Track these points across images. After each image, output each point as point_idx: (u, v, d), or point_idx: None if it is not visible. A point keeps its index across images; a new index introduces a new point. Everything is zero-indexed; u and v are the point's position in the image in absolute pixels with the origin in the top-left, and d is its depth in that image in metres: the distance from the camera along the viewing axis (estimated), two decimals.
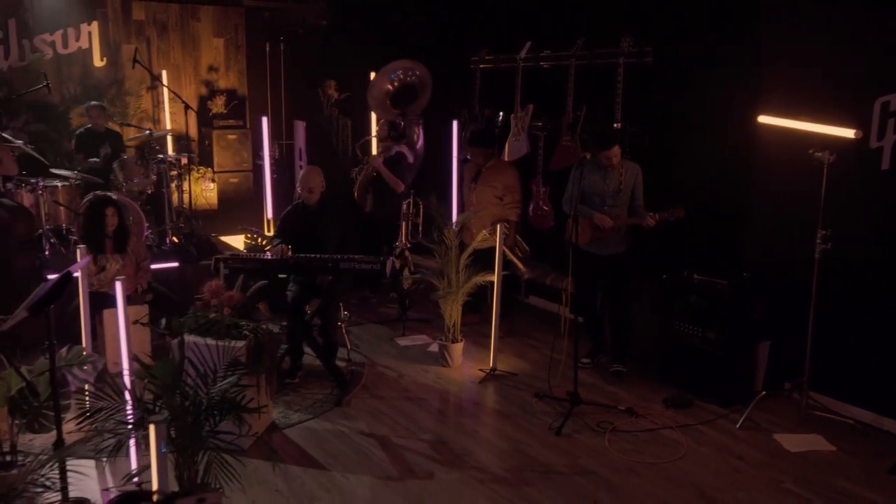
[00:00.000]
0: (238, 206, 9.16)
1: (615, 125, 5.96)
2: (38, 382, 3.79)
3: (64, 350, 4.07)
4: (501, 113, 7.22)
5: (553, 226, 6.60)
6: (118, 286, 3.95)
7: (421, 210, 6.68)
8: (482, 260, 5.82)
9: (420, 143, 7.38)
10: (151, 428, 2.37)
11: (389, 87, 7.21)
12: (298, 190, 5.66)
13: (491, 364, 5.70)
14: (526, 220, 6.74)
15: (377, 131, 7.40)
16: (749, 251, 5.46)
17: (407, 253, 6.46)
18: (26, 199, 6.67)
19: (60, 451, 3.01)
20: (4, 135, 6.51)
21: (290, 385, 5.37)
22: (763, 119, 4.94)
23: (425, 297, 6.82)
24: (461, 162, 7.17)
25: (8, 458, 3.86)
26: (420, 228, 6.66)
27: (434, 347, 6.13)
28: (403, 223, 6.54)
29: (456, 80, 7.60)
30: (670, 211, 5.19)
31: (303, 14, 9.60)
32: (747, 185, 5.49)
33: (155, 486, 2.42)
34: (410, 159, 7.07)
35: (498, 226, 5.66)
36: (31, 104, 8.33)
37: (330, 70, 8.75)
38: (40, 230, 6.64)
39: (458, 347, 5.86)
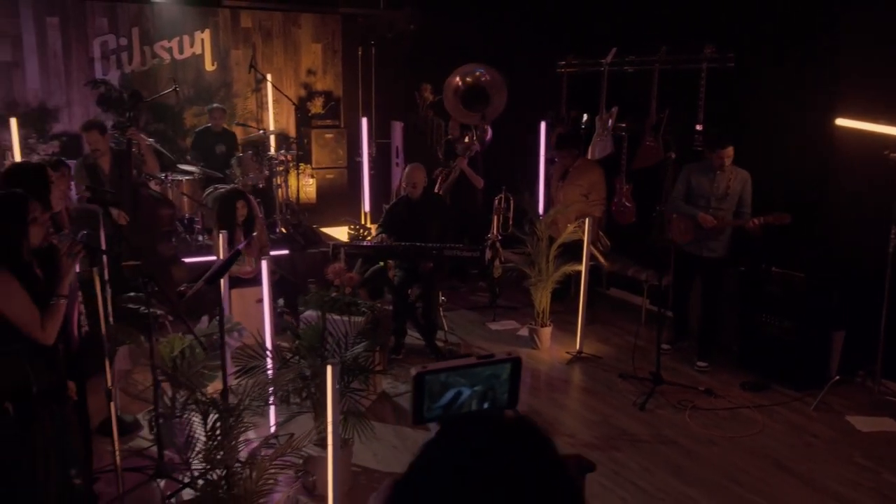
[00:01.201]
0: (334, 201, 9.82)
1: (697, 127, 6.36)
2: (195, 345, 4.44)
3: (205, 319, 4.71)
4: (586, 114, 7.67)
5: (634, 221, 7.03)
6: (264, 265, 4.56)
7: (512, 205, 7.19)
8: (568, 253, 6.30)
9: (489, 137, 7.84)
10: (329, 368, 2.92)
11: (459, 82, 7.63)
12: (403, 185, 6.23)
13: (577, 347, 6.17)
14: (609, 215, 7.18)
15: (451, 132, 7.92)
16: (825, 246, 5.78)
17: (498, 244, 6.98)
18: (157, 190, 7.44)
19: (282, 372, 3.48)
20: (141, 134, 7.26)
21: (395, 360, 5.95)
22: (841, 122, 5.28)
23: (513, 287, 7.31)
24: (548, 161, 7.64)
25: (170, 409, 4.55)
26: (510, 222, 7.16)
27: (523, 331, 6.64)
28: (495, 216, 7.06)
29: (543, 83, 8.08)
30: (775, 216, 5.41)
31: (392, 19, 10.20)
32: (824, 183, 5.82)
33: (329, 422, 2.97)
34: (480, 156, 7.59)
35: (586, 220, 6.12)
36: (151, 105, 9.13)
37: (422, 73, 9.32)
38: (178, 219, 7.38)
39: (547, 331, 6.35)
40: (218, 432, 2.50)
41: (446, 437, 1.20)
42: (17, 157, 7.10)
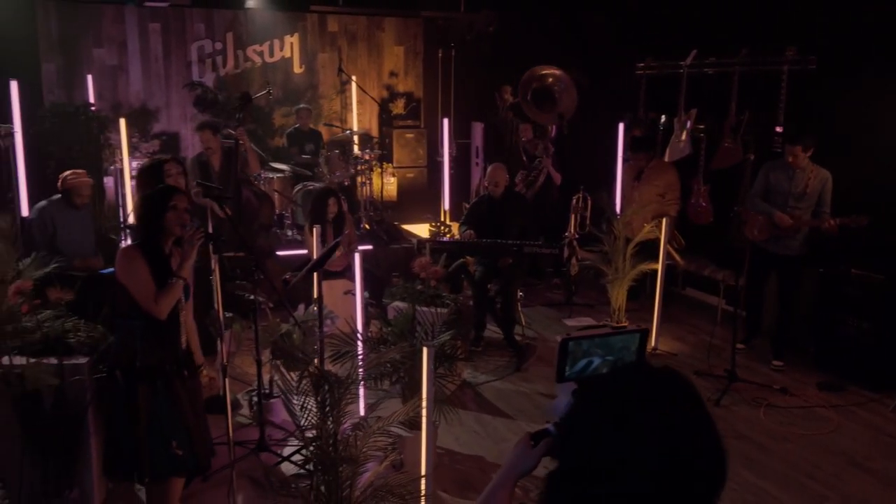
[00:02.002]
0: (414, 199, 10.15)
1: (777, 129, 6.40)
2: (294, 330, 4.80)
3: (310, 308, 5.05)
4: (664, 116, 7.76)
5: (711, 222, 7.10)
6: (357, 259, 4.87)
7: (589, 204, 7.36)
8: (643, 252, 6.44)
9: (553, 134, 7.99)
10: (424, 351, 3.19)
11: (529, 85, 7.81)
12: (485, 183, 6.48)
13: (653, 344, 6.31)
14: (684, 215, 7.26)
15: (523, 134, 8.12)
16: None
17: (575, 243, 7.16)
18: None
19: (380, 353, 3.77)
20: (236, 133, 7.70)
21: (474, 352, 6.20)
22: None
23: (588, 284, 7.48)
24: (625, 162, 7.77)
25: (266, 391, 4.92)
26: (588, 221, 7.33)
27: None
28: (573, 215, 7.25)
29: (622, 84, 8.21)
30: (853, 218, 5.43)
31: (471, 22, 10.46)
32: None
33: (424, 404, 3.23)
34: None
35: (664, 219, 6.25)
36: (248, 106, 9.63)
37: (501, 74, 9.55)
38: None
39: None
40: (327, 402, 2.79)
41: (604, 383, 1.31)
42: (125, 155, 7.64)
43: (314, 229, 5.63)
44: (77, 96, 8.85)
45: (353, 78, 10.00)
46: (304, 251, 6.80)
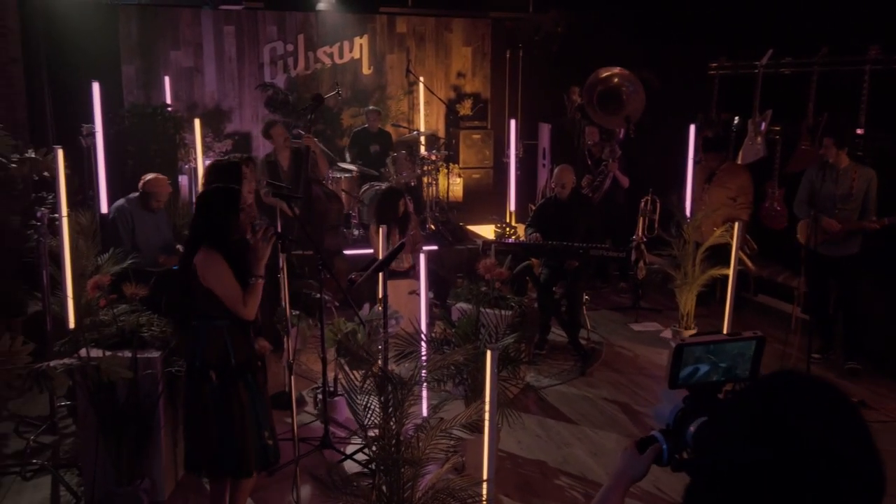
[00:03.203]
0: (479, 200, 10.13)
1: (857, 130, 6.16)
2: (359, 330, 4.83)
3: (375, 307, 5.09)
4: (737, 117, 7.56)
5: (786, 226, 6.88)
6: (421, 260, 4.89)
7: (658, 207, 7.22)
8: (713, 256, 6.28)
9: (622, 135, 7.85)
10: (488, 354, 3.17)
11: (594, 88, 7.69)
12: (551, 185, 6.42)
13: None
14: (757, 219, 7.06)
15: (589, 137, 8.00)
16: None
17: (643, 246, 7.03)
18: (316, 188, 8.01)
19: (447, 354, 3.82)
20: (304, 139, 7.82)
21: (538, 355, 6.15)
22: None
23: (656, 289, 7.33)
24: (696, 164, 7.59)
25: (331, 388, 4.97)
26: (656, 224, 7.19)
27: (666, 333, 6.66)
28: (641, 218, 7.12)
29: (693, 85, 8.03)
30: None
31: (539, 22, 10.38)
32: None
33: (487, 406, 3.22)
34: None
35: (736, 224, 6.08)
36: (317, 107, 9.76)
37: (570, 75, 9.45)
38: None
39: (692, 334, 6.35)
40: (390, 402, 2.80)
41: (754, 391, 1.24)
42: (199, 155, 7.84)
43: (380, 229, 5.68)
44: (155, 97, 9.13)
45: (421, 79, 10.04)
46: (370, 250, 6.86)
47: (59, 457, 4.36)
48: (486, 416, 3.14)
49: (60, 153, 4.37)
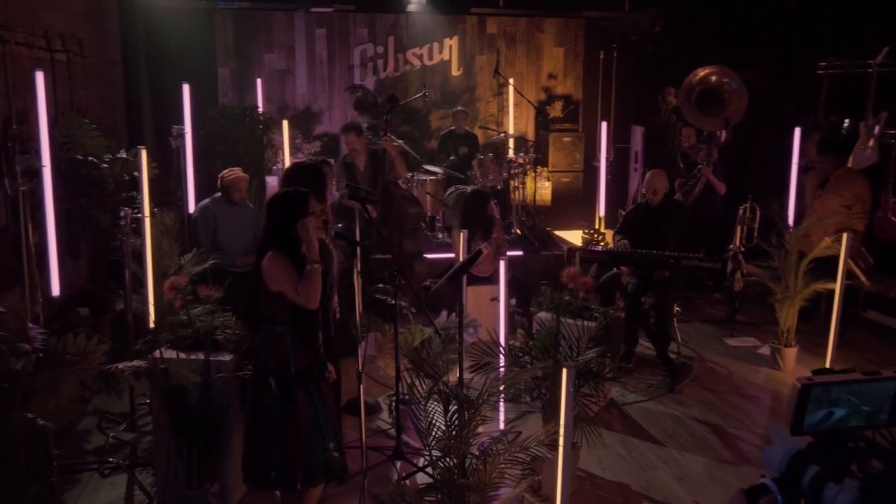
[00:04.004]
0: (568, 204, 9.86)
1: None
2: (434, 337, 4.69)
3: (452, 315, 4.94)
4: (848, 120, 7.05)
5: None
6: (502, 266, 4.71)
7: (758, 215, 6.80)
8: (820, 268, 5.83)
9: (724, 139, 7.41)
10: (564, 372, 2.98)
11: (692, 86, 7.30)
12: (643, 191, 6.12)
13: None
14: (871, 230, 6.55)
15: (685, 139, 7.60)
16: None
17: (740, 256, 6.63)
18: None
19: (516, 372, 3.65)
20: (391, 135, 7.76)
21: (624, 368, 5.86)
22: None
23: (754, 302, 6.91)
24: (801, 170, 7.12)
25: (405, 396, 4.84)
26: (756, 233, 6.77)
27: (764, 350, 6.25)
28: (739, 227, 6.71)
29: (798, 86, 7.54)
30: None
31: (636, 22, 10.01)
32: None
33: (562, 428, 3.02)
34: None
35: (844, 235, 5.64)
36: (402, 109, 9.70)
37: (665, 76, 9.08)
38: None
39: (792, 352, 5.94)
40: (455, 422, 2.64)
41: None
42: (287, 156, 7.90)
43: (461, 233, 5.53)
44: (248, 99, 9.27)
45: (511, 81, 9.85)
46: (452, 255, 6.73)
47: (137, 455, 4.40)
48: (561, 439, 2.93)
49: (144, 153, 4.42)
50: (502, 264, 4.71)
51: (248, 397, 3.43)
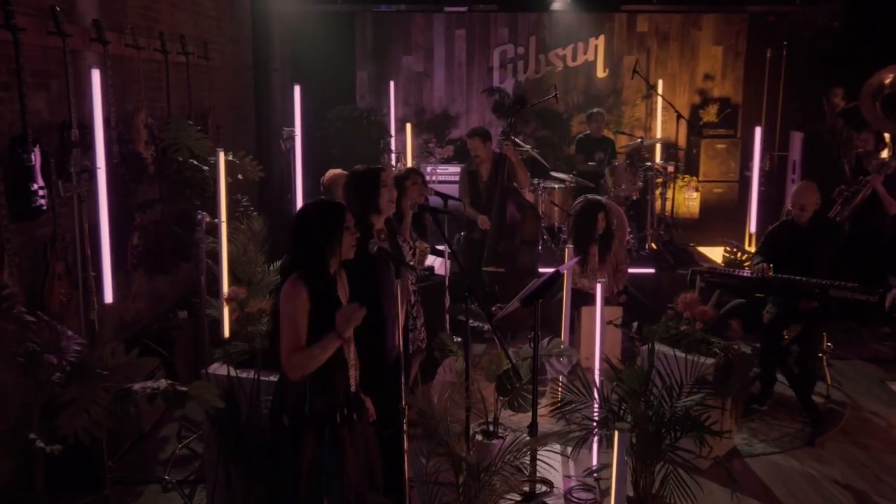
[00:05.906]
0: (719, 218, 8.93)
1: None
2: (521, 366, 4.21)
3: (545, 340, 4.43)
4: None
5: None
6: (598, 287, 4.16)
7: None
8: None
9: None
10: (616, 434, 2.45)
11: (883, 83, 6.27)
12: (789, 206, 5.29)
13: None
14: None
15: (862, 145, 6.55)
16: None
17: None
18: (528, 198, 7.45)
19: (534, 439, 3.27)
20: (516, 140, 7.31)
21: (757, 412, 5.07)
22: None
23: None
24: None
25: (491, 428, 4.39)
26: None
27: None
28: None
29: None
30: None
31: (812, 16, 8.92)
32: None
33: (613, 490, 2.49)
34: None
35: None
36: (539, 112, 9.24)
37: (836, 76, 7.99)
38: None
39: None
40: (461, 493, 2.18)
41: None
42: (409, 161, 7.68)
43: (566, 248, 5.00)
44: (384, 102, 9.15)
45: (660, 82, 9.11)
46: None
47: (198, 471, 4.25)
48: None
49: (221, 156, 4.27)
50: (598, 286, 4.15)
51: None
